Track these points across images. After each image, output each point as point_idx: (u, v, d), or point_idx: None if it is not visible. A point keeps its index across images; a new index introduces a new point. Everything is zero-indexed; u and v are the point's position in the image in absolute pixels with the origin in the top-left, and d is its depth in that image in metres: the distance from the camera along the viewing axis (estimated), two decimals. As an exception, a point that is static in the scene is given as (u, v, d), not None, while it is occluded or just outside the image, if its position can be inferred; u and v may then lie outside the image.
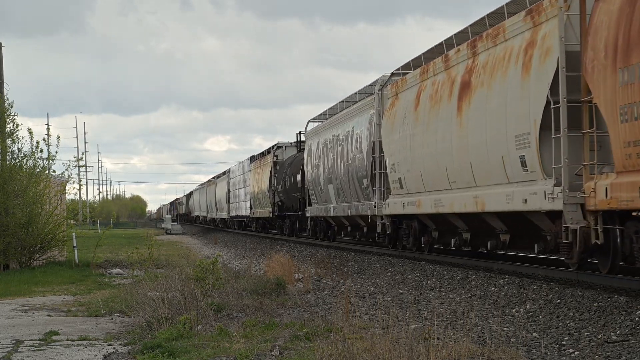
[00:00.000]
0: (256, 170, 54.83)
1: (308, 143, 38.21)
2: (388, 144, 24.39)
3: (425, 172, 21.22)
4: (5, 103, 28.09)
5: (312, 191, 36.62)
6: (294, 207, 43.44)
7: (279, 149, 49.27)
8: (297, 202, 42.09)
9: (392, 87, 24.71)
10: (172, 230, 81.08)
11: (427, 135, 20.87)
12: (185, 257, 30.28)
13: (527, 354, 10.09)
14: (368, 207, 26.96)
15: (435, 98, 20.38)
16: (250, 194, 56.54)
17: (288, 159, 46.73)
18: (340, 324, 11.83)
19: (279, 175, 46.73)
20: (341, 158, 30.82)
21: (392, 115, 24.03)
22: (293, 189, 42.21)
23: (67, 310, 16.38)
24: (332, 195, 32.54)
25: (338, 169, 31.29)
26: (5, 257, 26.63)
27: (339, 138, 31.39)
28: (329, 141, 33.10)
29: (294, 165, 42.56)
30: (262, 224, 56.38)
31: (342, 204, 31.02)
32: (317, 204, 35.90)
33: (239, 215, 64.62)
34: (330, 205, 33.04)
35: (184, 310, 13.65)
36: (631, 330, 10.98)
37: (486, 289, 16.31)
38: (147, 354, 10.80)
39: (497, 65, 17.12)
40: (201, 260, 18.87)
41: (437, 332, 10.79)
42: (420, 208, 21.80)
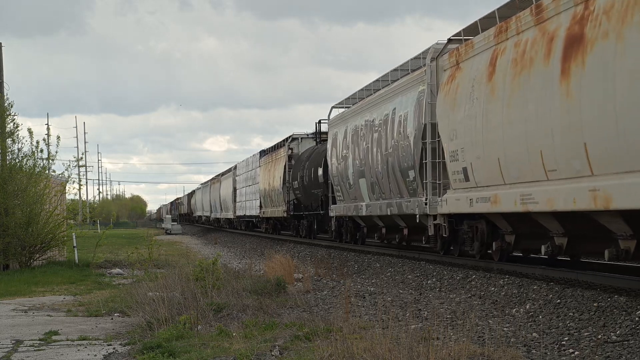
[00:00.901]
0: (267, 166, 50.04)
1: (332, 132, 32.84)
2: (447, 126, 19.58)
3: (507, 159, 16.43)
4: (5, 103, 28.09)
5: (337, 187, 31.75)
6: (313, 205, 38.45)
7: (294, 141, 44.23)
8: (317, 200, 37.19)
9: (451, 56, 19.82)
10: (172, 230, 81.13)
11: (510, 111, 16.12)
12: (185, 257, 30.30)
13: (527, 354, 10.09)
14: (415, 205, 22.24)
15: (522, 62, 15.68)
16: (260, 191, 51.82)
17: (305, 151, 41.66)
18: (340, 324, 11.84)
19: (295, 170, 41.72)
20: (377, 147, 25.91)
21: (453, 90, 19.36)
22: (313, 185, 37.34)
23: (67, 310, 16.39)
24: (365, 192, 27.82)
25: (373, 160, 26.36)
26: (5, 257, 26.63)
27: (374, 123, 26.43)
28: (361, 128, 28.08)
29: (314, 158, 37.70)
30: (273, 224, 51.78)
31: (378, 202, 26.28)
32: (344, 201, 30.82)
33: (247, 215, 59.85)
34: (361, 204, 28.15)
35: (184, 310, 13.65)
36: (631, 330, 10.98)
37: (486, 289, 16.32)
38: (147, 354, 10.80)
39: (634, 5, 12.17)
40: (201, 260, 18.89)
41: (437, 332, 10.79)
42: (496, 205, 17.13)
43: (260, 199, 52.11)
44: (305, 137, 43.86)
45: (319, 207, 36.87)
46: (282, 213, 44.73)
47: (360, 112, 28.65)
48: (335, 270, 22.91)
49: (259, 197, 52.22)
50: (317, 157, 37.19)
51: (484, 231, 19.19)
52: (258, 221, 57.04)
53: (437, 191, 20.93)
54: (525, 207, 15.76)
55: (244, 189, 60.51)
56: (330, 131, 33.40)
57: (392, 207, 24.66)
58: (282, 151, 45.48)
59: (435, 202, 20.82)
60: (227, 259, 31.64)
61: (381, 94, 26.42)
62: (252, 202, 56.40)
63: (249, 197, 58.13)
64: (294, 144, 44.14)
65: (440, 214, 20.82)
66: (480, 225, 19.37)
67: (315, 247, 34.34)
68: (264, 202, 50.63)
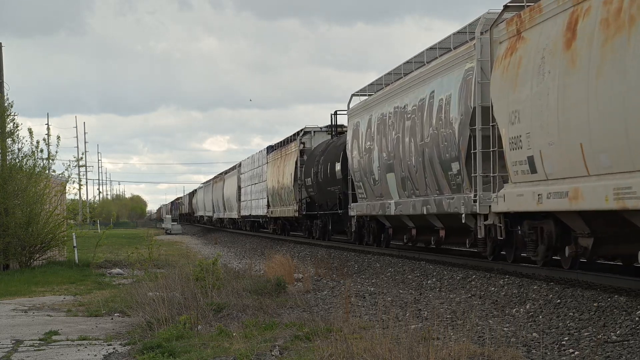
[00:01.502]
0: (276, 162, 46.78)
1: (353, 122, 29.42)
2: (505, 108, 16.56)
3: (593, 144, 13.33)
4: (5, 103, 28.10)
5: (358, 184, 28.57)
6: (328, 204, 34.91)
7: (307, 135, 41.00)
8: (334, 198, 33.66)
9: (510, 25, 16.77)
10: (172, 230, 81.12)
11: (599, 84, 13.05)
12: (185, 257, 30.30)
13: (527, 354, 10.09)
14: (460, 203, 19.07)
15: (616, 23, 12.69)
16: (268, 190, 48.57)
17: (319, 146, 38.61)
18: (340, 324, 11.84)
19: (308, 166, 38.49)
20: (410, 137, 22.63)
21: (513, 65, 16.34)
22: (329, 181, 34.04)
23: (67, 310, 16.39)
24: (393, 188, 24.56)
25: (405, 152, 23.13)
26: (5, 257, 26.63)
27: (405, 110, 23.13)
28: (389, 116, 24.75)
29: (330, 153, 34.60)
30: (281, 225, 48.33)
31: (410, 199, 22.97)
32: (367, 199, 27.70)
33: (253, 215, 56.39)
34: (389, 202, 24.91)
35: (184, 310, 13.65)
36: (631, 330, 10.98)
37: (486, 289, 16.31)
38: (147, 354, 10.80)
39: None
40: (201, 260, 18.89)
41: (437, 332, 10.79)
42: (577, 202, 13.95)
43: (267, 197, 48.94)
44: (319, 130, 40.81)
45: (336, 205, 33.35)
46: (292, 213, 41.64)
47: (388, 98, 25.21)
48: (335, 270, 22.90)
49: (267, 196, 49.08)
50: (333, 151, 34.10)
51: (552, 233, 15.85)
52: (265, 221, 53.72)
53: (491, 186, 17.78)
54: (621, 204, 12.58)
55: (249, 188, 57.51)
56: (351, 121, 29.94)
57: (429, 206, 21.40)
58: (293, 146, 42.27)
59: (488, 199, 17.71)
60: (227, 259, 31.64)
61: (415, 77, 22.94)
62: (258, 201, 53.09)
63: (255, 196, 54.93)
64: (307, 137, 40.96)
65: (494, 213, 17.63)
66: (546, 226, 16.03)
67: (315, 247, 34.34)
68: (272, 201, 47.64)
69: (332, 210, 34.45)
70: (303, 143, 40.85)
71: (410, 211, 22.97)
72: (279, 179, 44.81)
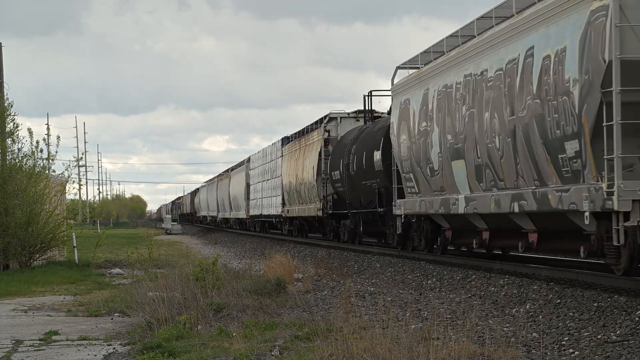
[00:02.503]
0: (293, 154, 41.64)
1: (400, 100, 23.66)
2: None
3: None
4: (5, 103, 28.12)
5: (407, 175, 23.10)
6: (362, 201, 29.50)
7: (332, 122, 35.64)
8: (371, 193, 28.26)
9: None
10: (172, 230, 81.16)
11: None
12: (185, 257, 30.31)
13: (527, 354, 10.09)
14: (582, 196, 13.98)
15: None
16: (284, 186, 43.29)
17: (349, 133, 33.15)
18: (340, 324, 11.84)
19: (336, 157, 33.34)
20: (493, 111, 17.34)
21: None
22: (364, 174, 28.73)
23: (67, 310, 16.39)
24: (462, 179, 19.31)
25: (483, 132, 17.85)
26: (5, 257, 26.65)
27: (484, 77, 17.76)
28: (456, 87, 19.37)
29: (366, 140, 29.14)
30: (298, 225, 42.48)
31: (491, 193, 17.64)
32: (420, 194, 22.24)
33: (264, 215, 50.94)
34: (455, 197, 19.51)
35: (184, 310, 13.66)
36: (631, 330, 10.99)
37: (486, 289, 16.32)
38: (147, 354, 10.80)
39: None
40: (201, 260, 18.90)
41: (437, 332, 10.79)
42: None
43: (283, 195, 43.77)
44: (346, 116, 35.55)
45: (373, 203, 27.80)
46: (314, 212, 36.06)
47: (455, 64, 19.70)
48: (335, 270, 22.90)
49: (281, 193, 44.08)
50: (370, 137, 28.71)
51: None
52: (279, 222, 47.90)
53: None
54: None
55: (260, 185, 52.33)
56: (396, 100, 24.17)
57: (524, 202, 16.30)
58: (315, 135, 36.80)
59: (632, 191, 12.98)
60: (227, 259, 31.65)
61: (499, 33, 17.53)
62: (271, 199, 48.04)
63: (267, 194, 49.73)
64: (332, 125, 35.53)
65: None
66: None
67: (315, 247, 34.33)
68: (289, 198, 42.34)
69: (366, 209, 29.01)
70: (328, 131, 35.32)
71: (491, 209, 17.45)
72: (298, 173, 39.70)
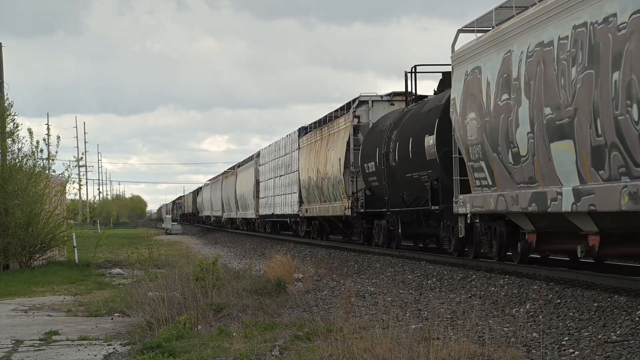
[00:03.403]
0: (313, 146, 37.09)
1: (465, 70, 18.78)
2: None
3: None
4: (5, 103, 28.13)
5: (477, 164, 18.28)
6: (406, 197, 24.48)
7: (363, 106, 30.55)
8: (420, 188, 23.12)
9: None
10: (172, 230, 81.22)
11: None
12: (185, 257, 30.31)
13: (527, 354, 10.09)
14: None
15: None
16: (301, 182, 38.80)
17: (385, 118, 28.19)
18: (340, 324, 11.84)
19: (369, 145, 28.40)
20: (629, 69, 12.68)
21: None
22: (410, 164, 23.56)
23: (67, 310, 16.39)
24: (569, 166, 14.62)
25: (609, 99, 13.12)
26: (5, 257, 26.65)
27: (611, 25, 13.15)
28: (559, 44, 14.72)
29: (412, 124, 24.15)
30: (318, 226, 37.63)
31: (623, 183, 12.86)
32: (495, 187, 17.69)
33: (276, 215, 46.39)
34: (556, 190, 14.92)
35: (184, 310, 13.66)
36: (631, 330, 10.99)
37: (486, 289, 16.32)
38: (147, 354, 10.81)
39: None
40: (201, 260, 18.90)
41: (437, 332, 10.79)
42: None
43: (300, 192, 39.36)
44: (379, 99, 30.62)
45: (424, 199, 22.64)
46: (340, 211, 30.97)
47: (556, 14, 14.98)
48: (336, 270, 22.91)
49: (298, 190, 39.67)
50: (418, 121, 23.60)
51: None
52: (294, 222, 43.01)
53: None
54: None
55: (272, 181, 48.04)
56: (459, 69, 19.33)
57: None
58: (342, 122, 32.03)
59: None
60: (227, 259, 31.65)
61: None
62: (285, 197, 43.57)
63: (280, 191, 45.25)
64: (362, 109, 30.58)
65: None
66: None
67: (315, 247, 34.32)
68: (308, 196, 37.73)
69: (411, 206, 24.00)
70: (358, 117, 30.49)
71: (622, 205, 12.92)
72: (319, 167, 35.09)
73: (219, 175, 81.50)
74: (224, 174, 75.93)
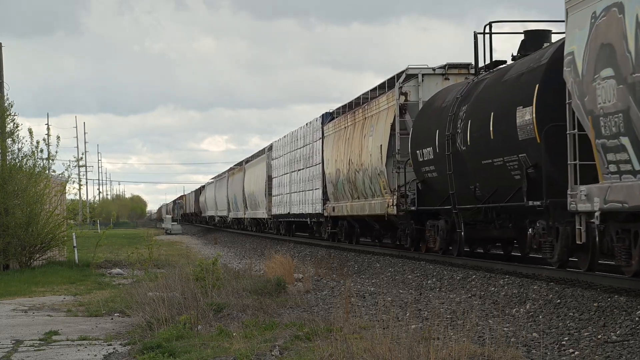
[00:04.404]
0: (343, 133, 31.57)
1: (587, 13, 13.29)
2: None
3: None
4: (5, 103, 28.13)
5: (613, 142, 12.63)
6: (480, 191, 19.14)
7: (410, 81, 25.16)
8: (503, 177, 17.75)
9: None
10: (172, 230, 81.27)
11: None
12: (185, 257, 30.32)
13: (527, 354, 10.09)
14: None
15: None
16: (327, 176, 33.71)
17: (444, 93, 22.52)
18: (340, 324, 11.84)
19: (423, 128, 22.68)
20: None
21: None
22: (491, 147, 18.13)
23: (67, 310, 16.40)
24: None
25: None
26: (5, 257, 26.65)
27: None
28: None
29: (491, 96, 18.61)
30: (347, 228, 32.17)
31: None
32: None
33: (293, 214, 41.18)
34: None
35: (184, 310, 13.66)
36: (631, 330, 10.98)
37: (486, 289, 16.31)
38: (147, 354, 10.81)
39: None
40: (201, 260, 18.91)
41: (437, 332, 10.79)
42: None
43: (324, 187, 34.44)
44: (431, 73, 25.31)
45: (513, 191, 17.36)
46: (381, 208, 25.96)
47: None
48: (336, 270, 22.91)
49: (321, 186, 34.81)
50: (500, 91, 18.24)
51: None
52: (315, 222, 37.86)
53: None
54: None
55: (287, 177, 43.06)
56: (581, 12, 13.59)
57: None
58: (383, 101, 26.68)
59: None
60: (227, 259, 31.65)
61: None
62: (304, 194, 38.61)
63: (297, 187, 40.24)
64: (410, 85, 25.23)
65: None
66: None
67: (315, 247, 34.32)
68: (335, 192, 32.35)
69: (488, 202, 18.81)
70: (405, 94, 25.22)
71: None
72: (352, 157, 29.67)
73: (225, 172, 75.95)
74: (230, 171, 70.62)
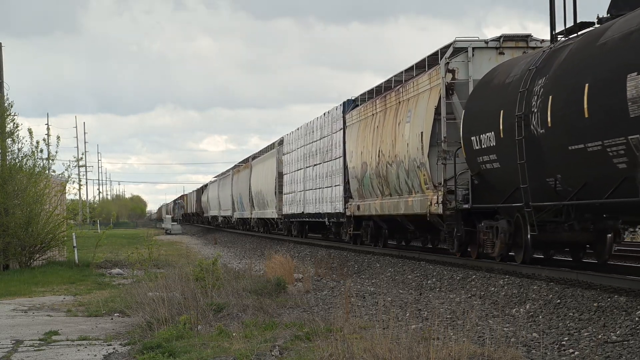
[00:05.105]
0: (371, 120, 27.30)
1: None
2: None
3: None
4: (5, 103, 28.13)
5: None
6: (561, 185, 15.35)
7: (458, 56, 20.91)
8: (594, 168, 14.07)
9: None
10: (172, 230, 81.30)
11: None
12: (185, 257, 30.32)
13: (527, 354, 10.09)
14: None
15: None
16: (350, 171, 29.85)
17: (509, 66, 18.30)
18: (340, 324, 11.84)
19: (482, 109, 18.54)
20: None
21: None
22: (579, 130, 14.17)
23: (67, 310, 16.39)
24: None
25: None
26: (5, 257, 26.66)
27: None
28: None
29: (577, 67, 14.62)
30: (373, 229, 28.50)
31: None
32: None
33: (309, 214, 37.30)
34: None
35: (184, 310, 13.66)
36: (631, 330, 10.98)
37: (486, 289, 16.31)
38: (147, 354, 10.81)
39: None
40: (201, 260, 18.90)
41: (437, 332, 10.79)
42: None
43: (346, 184, 30.80)
44: (484, 46, 21.01)
45: (612, 184, 13.59)
46: (423, 207, 21.98)
47: None
48: (335, 270, 22.90)
49: (343, 182, 31.17)
50: (596, 55, 14.05)
51: None
52: (335, 223, 33.94)
53: None
54: None
55: (301, 173, 39.16)
56: None
57: None
58: (424, 80, 22.41)
59: None
60: (227, 259, 31.65)
61: None
62: (321, 191, 34.78)
63: (313, 184, 36.49)
64: (459, 61, 20.91)
65: None
66: None
67: (315, 247, 34.30)
68: (361, 188, 28.51)
69: (573, 199, 15.09)
70: (452, 71, 20.91)
71: None
72: (382, 148, 25.70)
73: (229, 170, 70.84)
74: (234, 168, 66.05)
